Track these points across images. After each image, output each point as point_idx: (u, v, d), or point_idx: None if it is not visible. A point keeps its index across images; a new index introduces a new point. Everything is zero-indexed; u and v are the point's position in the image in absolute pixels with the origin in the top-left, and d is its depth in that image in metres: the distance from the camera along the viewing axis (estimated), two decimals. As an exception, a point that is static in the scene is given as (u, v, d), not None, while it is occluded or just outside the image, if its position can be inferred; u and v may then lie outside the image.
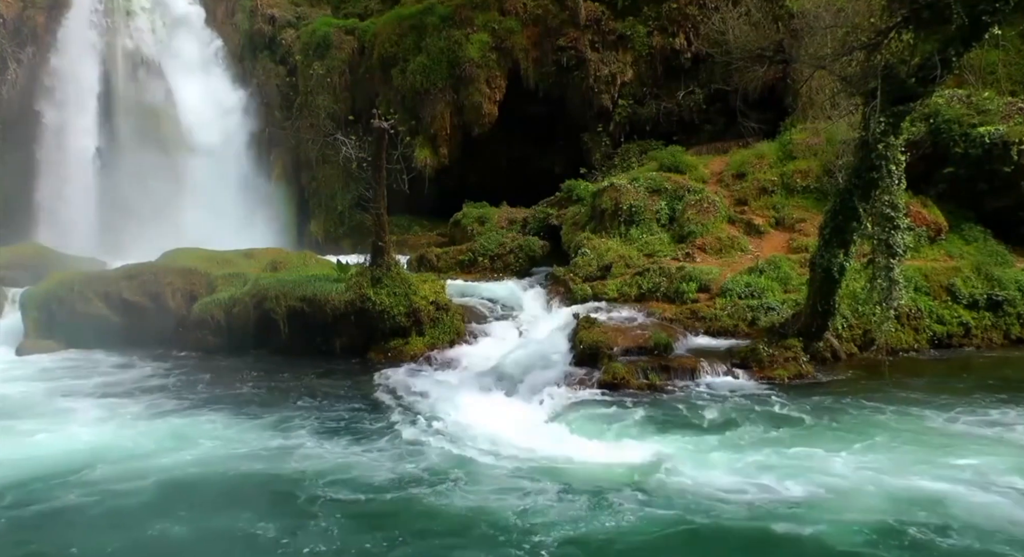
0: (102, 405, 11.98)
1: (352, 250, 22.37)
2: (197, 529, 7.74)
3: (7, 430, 10.76)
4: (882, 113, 11.14)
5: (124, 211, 23.93)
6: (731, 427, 10.21)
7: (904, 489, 8.19)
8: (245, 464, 9.39)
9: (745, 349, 12.95)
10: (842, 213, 11.99)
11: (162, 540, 7.53)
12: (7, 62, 25.35)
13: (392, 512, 8.04)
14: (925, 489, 8.18)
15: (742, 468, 8.86)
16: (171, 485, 8.77)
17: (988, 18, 10.54)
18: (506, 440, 9.99)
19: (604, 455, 9.39)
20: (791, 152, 18.84)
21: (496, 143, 24.39)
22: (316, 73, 25.18)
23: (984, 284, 14.74)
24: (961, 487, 8.16)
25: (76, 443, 10.23)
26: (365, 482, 8.74)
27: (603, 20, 23.55)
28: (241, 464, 9.39)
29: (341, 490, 8.52)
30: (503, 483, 8.66)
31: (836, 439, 9.70)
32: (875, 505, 7.86)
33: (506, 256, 19.21)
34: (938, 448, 9.29)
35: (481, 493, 8.37)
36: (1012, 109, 16.75)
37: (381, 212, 15.22)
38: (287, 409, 11.64)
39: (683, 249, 16.85)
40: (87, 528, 7.80)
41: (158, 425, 10.94)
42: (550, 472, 8.93)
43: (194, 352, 15.46)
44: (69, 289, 16.18)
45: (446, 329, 15.04)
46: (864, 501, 7.97)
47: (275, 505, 8.26)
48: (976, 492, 8.07)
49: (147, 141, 25.10)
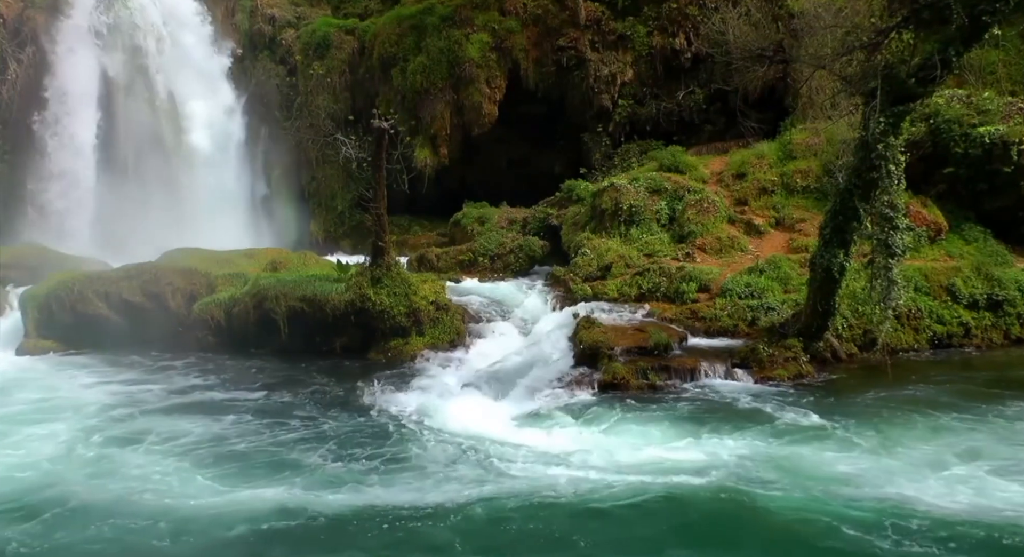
0: (101, 405, 11.93)
1: (352, 250, 22.37)
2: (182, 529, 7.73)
3: (8, 431, 10.74)
4: (882, 113, 11.14)
5: (124, 211, 23.88)
6: (732, 427, 10.16)
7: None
8: (242, 463, 9.40)
9: (745, 349, 12.95)
10: (842, 213, 11.99)
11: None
12: (7, 62, 25.31)
13: (388, 513, 8.00)
14: (929, 489, 8.13)
15: (744, 467, 8.82)
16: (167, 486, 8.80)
17: (988, 18, 10.55)
18: (505, 440, 9.95)
19: (604, 455, 9.35)
20: (791, 152, 18.84)
21: (496, 143, 24.38)
22: (316, 73, 25.17)
23: (984, 284, 14.73)
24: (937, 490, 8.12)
25: (75, 443, 10.22)
26: (332, 484, 8.69)
27: (603, 20, 23.53)
28: (238, 463, 9.39)
29: (329, 495, 8.42)
30: (503, 483, 8.63)
31: (837, 439, 9.68)
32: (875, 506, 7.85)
33: (506, 256, 19.20)
34: (943, 448, 9.25)
35: (480, 493, 8.33)
36: (1012, 109, 16.73)
37: (381, 212, 15.21)
38: (287, 409, 11.62)
39: (683, 249, 16.85)
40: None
41: (159, 426, 10.91)
42: (549, 472, 8.89)
43: (194, 352, 15.40)
44: (69, 289, 16.14)
45: (446, 329, 15.03)
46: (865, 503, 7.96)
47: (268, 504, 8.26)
48: (981, 493, 8.02)
49: (147, 141, 25.06)
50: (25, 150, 25.08)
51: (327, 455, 9.65)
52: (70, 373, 14.16)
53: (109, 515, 8.07)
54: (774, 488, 8.32)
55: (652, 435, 10.03)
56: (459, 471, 8.99)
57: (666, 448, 9.54)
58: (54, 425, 10.96)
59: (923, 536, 7.23)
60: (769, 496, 8.13)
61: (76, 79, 24.97)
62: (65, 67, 25.17)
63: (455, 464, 9.23)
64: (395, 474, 8.99)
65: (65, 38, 25.29)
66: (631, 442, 9.77)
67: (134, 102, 25.13)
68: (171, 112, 25.27)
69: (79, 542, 7.60)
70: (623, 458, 9.24)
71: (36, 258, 19.40)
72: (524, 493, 8.33)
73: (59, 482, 8.94)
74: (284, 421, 11.04)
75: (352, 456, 9.62)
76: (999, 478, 8.40)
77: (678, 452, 9.41)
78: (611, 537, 7.52)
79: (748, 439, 9.77)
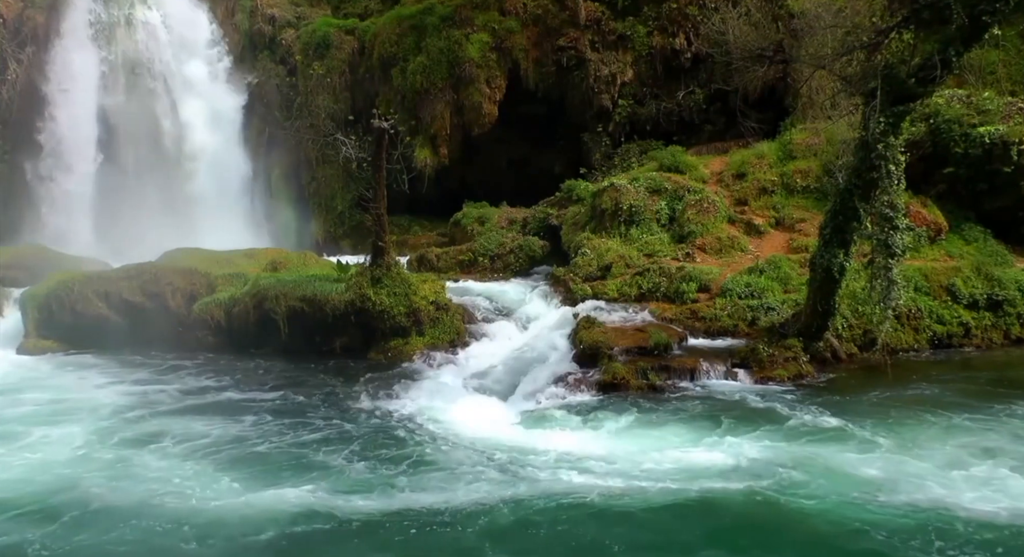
0: (115, 406, 11.90)
1: (352, 250, 22.36)
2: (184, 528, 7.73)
3: (23, 432, 10.72)
4: (882, 113, 11.14)
5: (124, 211, 23.89)
6: (748, 428, 10.07)
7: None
8: (263, 465, 9.37)
9: (745, 349, 12.95)
10: (842, 213, 12.00)
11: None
12: (7, 62, 25.31)
13: (415, 516, 7.93)
14: (961, 493, 8.03)
15: (772, 470, 8.74)
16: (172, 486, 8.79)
17: (988, 18, 10.55)
18: (520, 443, 9.92)
19: (625, 458, 9.23)
20: (791, 152, 18.84)
21: (496, 143, 24.37)
22: (316, 73, 25.16)
23: (984, 284, 14.73)
24: (970, 492, 8.02)
25: (92, 444, 10.22)
26: (357, 487, 8.62)
27: (603, 20, 23.53)
28: (259, 465, 9.37)
29: (353, 498, 8.34)
30: (524, 487, 8.55)
31: (856, 440, 9.62)
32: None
33: (506, 256, 19.21)
34: (960, 448, 9.19)
35: (504, 497, 8.25)
36: (1012, 109, 16.74)
37: (381, 212, 15.21)
38: (300, 410, 11.62)
39: (683, 249, 16.85)
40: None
41: (174, 427, 10.87)
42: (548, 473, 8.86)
43: (194, 352, 15.39)
44: (69, 289, 16.15)
45: (446, 329, 15.03)
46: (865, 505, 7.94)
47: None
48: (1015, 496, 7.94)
49: (147, 141, 25.07)
50: (25, 150, 25.09)
51: (348, 457, 9.54)
52: (77, 373, 14.13)
53: (132, 517, 7.95)
54: (808, 492, 8.15)
55: (668, 437, 9.92)
56: (480, 474, 8.87)
57: (686, 450, 9.41)
58: (69, 426, 10.88)
59: (969, 542, 7.04)
60: (805, 500, 7.96)
61: (76, 79, 24.97)
62: (65, 67, 25.18)
63: (475, 467, 9.10)
64: (417, 476, 8.88)
65: (65, 38, 25.30)
66: (650, 444, 9.64)
67: (135, 102, 25.13)
68: (171, 112, 25.28)
69: (103, 544, 7.47)
70: (645, 461, 9.08)
71: (36, 258, 19.41)
72: (549, 497, 8.21)
73: (78, 484, 8.81)
74: (300, 422, 10.95)
75: (371, 457, 9.51)
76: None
77: (700, 454, 9.27)
78: (644, 542, 7.37)
79: (768, 440, 9.63)
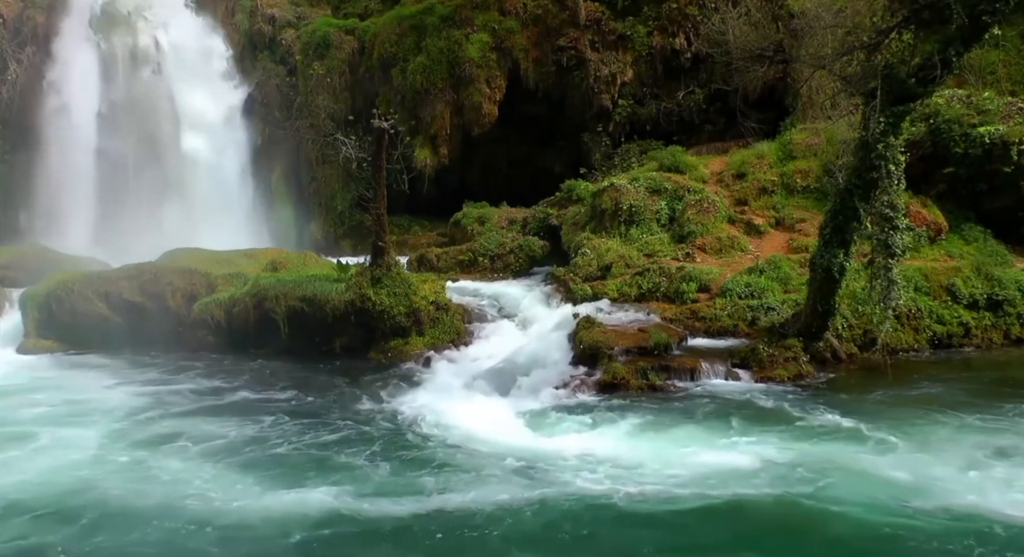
0: (128, 407, 11.88)
1: (352, 250, 22.37)
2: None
3: (36, 433, 10.69)
4: (882, 113, 11.14)
5: (124, 211, 23.90)
6: (760, 429, 10.02)
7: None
8: (283, 467, 9.34)
9: (745, 349, 12.95)
10: (842, 213, 11.99)
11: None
12: (7, 62, 25.35)
13: (439, 518, 7.88)
14: (993, 497, 7.93)
15: (795, 472, 8.67)
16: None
17: (988, 18, 10.55)
18: (516, 442, 9.91)
19: (641, 459, 9.15)
20: (791, 152, 18.84)
21: (496, 143, 24.39)
22: (316, 73, 25.17)
23: (984, 284, 14.73)
24: (996, 495, 7.93)
25: (107, 445, 10.19)
26: (380, 490, 8.55)
27: (603, 20, 23.54)
28: (279, 467, 9.33)
29: (375, 499, 8.26)
30: (521, 486, 8.53)
31: (872, 440, 9.57)
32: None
33: (506, 256, 19.21)
34: (975, 449, 9.16)
35: (525, 499, 8.18)
36: (1012, 109, 16.74)
37: (381, 212, 15.21)
38: (300, 410, 11.59)
39: (683, 249, 16.85)
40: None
41: (189, 428, 10.84)
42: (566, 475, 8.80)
43: (194, 352, 15.40)
44: (69, 289, 16.16)
45: (446, 329, 15.04)
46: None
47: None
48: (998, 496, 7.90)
49: (147, 141, 25.08)
50: (25, 150, 25.11)
51: (368, 458, 9.48)
52: (84, 374, 14.12)
53: (153, 518, 7.85)
54: (833, 495, 8.00)
55: (681, 438, 9.84)
56: (497, 476, 8.78)
57: (702, 451, 9.30)
58: (84, 428, 10.79)
59: (1009, 548, 6.88)
60: (831, 504, 7.81)
61: (76, 79, 25.00)
62: (65, 67, 25.20)
63: (492, 469, 9.01)
64: (435, 478, 8.79)
65: (65, 38, 25.33)
66: (663, 446, 9.56)
67: (134, 102, 25.14)
68: (171, 112, 25.29)
69: (124, 546, 7.38)
70: (662, 463, 8.97)
71: (36, 258, 19.43)
72: (570, 499, 8.11)
73: (97, 486, 8.70)
74: (316, 423, 10.88)
75: (392, 459, 9.44)
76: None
77: (717, 456, 9.15)
78: (671, 544, 7.28)
79: (784, 441, 9.52)
